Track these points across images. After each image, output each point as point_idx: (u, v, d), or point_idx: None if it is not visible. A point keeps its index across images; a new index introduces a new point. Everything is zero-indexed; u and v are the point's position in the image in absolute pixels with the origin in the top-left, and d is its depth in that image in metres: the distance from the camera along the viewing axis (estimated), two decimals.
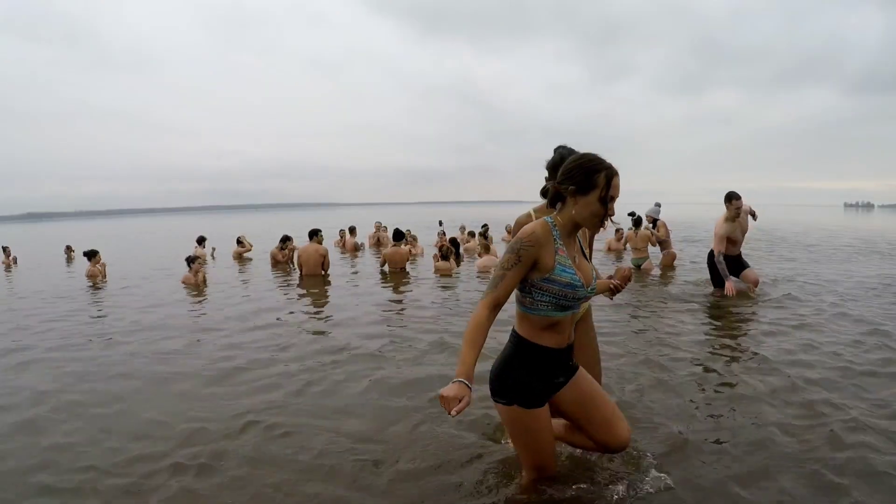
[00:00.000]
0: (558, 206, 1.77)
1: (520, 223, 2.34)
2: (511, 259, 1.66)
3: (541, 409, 1.79)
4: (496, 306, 1.65)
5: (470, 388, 1.52)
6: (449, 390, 1.48)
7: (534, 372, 1.77)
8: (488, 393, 1.88)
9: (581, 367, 1.94)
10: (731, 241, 5.70)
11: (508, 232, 14.72)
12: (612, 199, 1.69)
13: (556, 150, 2.35)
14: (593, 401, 1.90)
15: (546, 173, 2.26)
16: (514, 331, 1.82)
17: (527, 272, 1.69)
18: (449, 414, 1.46)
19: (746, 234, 5.92)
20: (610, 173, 1.68)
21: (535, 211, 2.36)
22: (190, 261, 8.12)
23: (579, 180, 1.68)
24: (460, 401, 1.47)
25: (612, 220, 1.75)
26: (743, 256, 5.98)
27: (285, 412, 3.04)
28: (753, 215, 5.98)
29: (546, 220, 1.73)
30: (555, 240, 1.71)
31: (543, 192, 1.80)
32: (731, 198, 5.61)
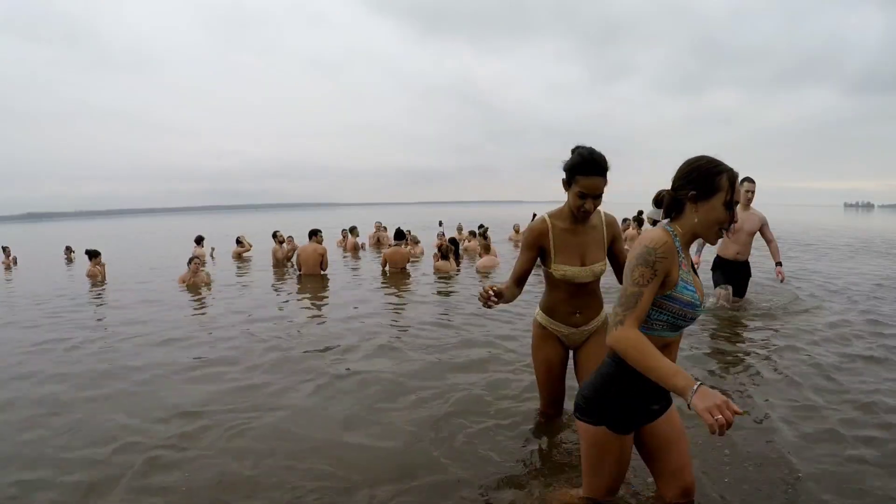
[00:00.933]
0: (671, 215, 1.62)
1: (534, 229, 2.24)
2: (647, 273, 1.47)
3: (628, 437, 1.64)
4: (639, 325, 1.49)
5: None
6: (707, 397, 1.29)
7: (637, 395, 1.60)
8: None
9: (674, 403, 1.75)
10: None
11: (516, 231, 14.66)
12: (736, 203, 1.54)
13: (573, 151, 2.18)
14: (677, 442, 1.71)
15: (564, 175, 2.14)
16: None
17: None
18: (726, 423, 1.26)
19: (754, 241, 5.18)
20: (732, 175, 1.52)
21: (550, 216, 2.25)
22: (191, 259, 8.13)
23: (700, 184, 1.52)
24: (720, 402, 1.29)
25: (733, 229, 1.59)
26: (750, 266, 5.31)
27: (274, 416, 2.99)
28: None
29: (667, 229, 1.56)
30: (678, 251, 1.55)
31: (657, 201, 1.64)
32: (742, 180, 5.04)
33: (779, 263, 5.11)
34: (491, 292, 2.09)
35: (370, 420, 2.90)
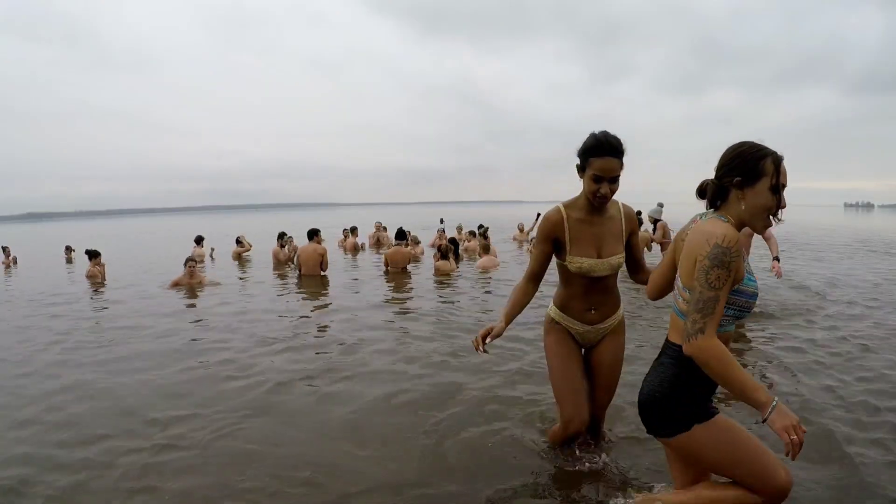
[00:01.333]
0: (719, 205, 1.55)
1: (548, 219, 2.11)
2: (723, 276, 1.39)
3: (721, 416, 1.55)
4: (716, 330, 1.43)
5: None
6: (785, 416, 1.30)
7: (704, 385, 1.53)
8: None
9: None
10: None
11: (520, 230, 14.60)
12: (783, 187, 1.47)
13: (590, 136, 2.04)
14: None
15: (578, 161, 2.04)
16: (675, 346, 1.55)
17: None
18: (800, 443, 1.29)
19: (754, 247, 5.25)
20: (776, 158, 1.46)
21: (565, 206, 2.11)
22: (187, 261, 7.99)
23: (743, 170, 1.46)
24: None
25: (780, 216, 1.52)
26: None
27: (264, 418, 2.97)
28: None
29: (722, 219, 1.49)
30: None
31: (700, 192, 1.56)
32: None
33: (776, 258, 5.06)
34: (482, 347, 1.99)
35: (362, 424, 2.85)
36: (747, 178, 1.46)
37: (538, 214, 12.13)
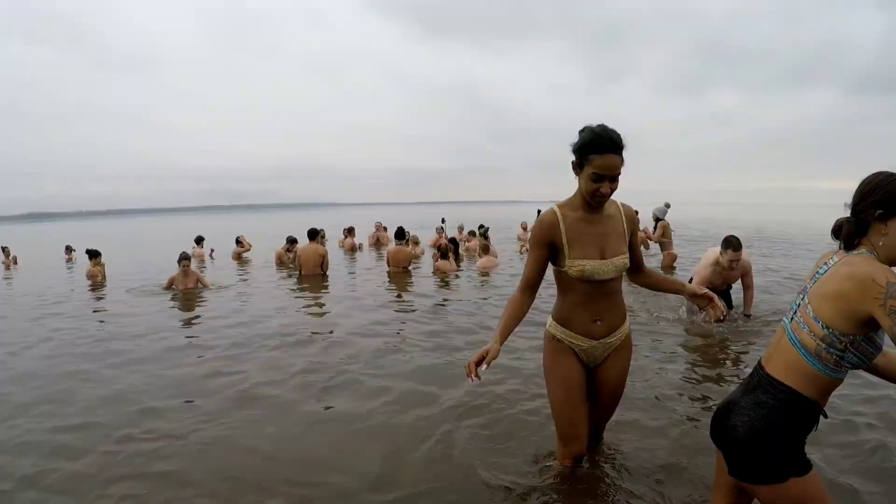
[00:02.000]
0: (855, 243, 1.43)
1: (543, 221, 1.94)
2: None
3: (814, 470, 1.43)
4: None
5: None
6: None
7: (804, 436, 1.43)
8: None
9: None
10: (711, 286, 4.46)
11: (524, 229, 14.58)
12: None
13: (581, 131, 1.86)
14: None
15: (574, 158, 1.87)
16: (783, 386, 1.42)
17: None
18: None
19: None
20: None
21: (560, 207, 1.94)
22: (180, 259, 7.54)
23: (886, 201, 1.37)
24: None
25: None
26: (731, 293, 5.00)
27: (263, 419, 2.95)
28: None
29: (871, 256, 1.38)
30: None
31: (836, 231, 1.47)
32: (727, 245, 4.44)
33: (748, 316, 4.77)
34: (474, 374, 1.74)
35: (359, 427, 2.82)
36: (890, 209, 1.38)
37: (539, 211, 12.05)
